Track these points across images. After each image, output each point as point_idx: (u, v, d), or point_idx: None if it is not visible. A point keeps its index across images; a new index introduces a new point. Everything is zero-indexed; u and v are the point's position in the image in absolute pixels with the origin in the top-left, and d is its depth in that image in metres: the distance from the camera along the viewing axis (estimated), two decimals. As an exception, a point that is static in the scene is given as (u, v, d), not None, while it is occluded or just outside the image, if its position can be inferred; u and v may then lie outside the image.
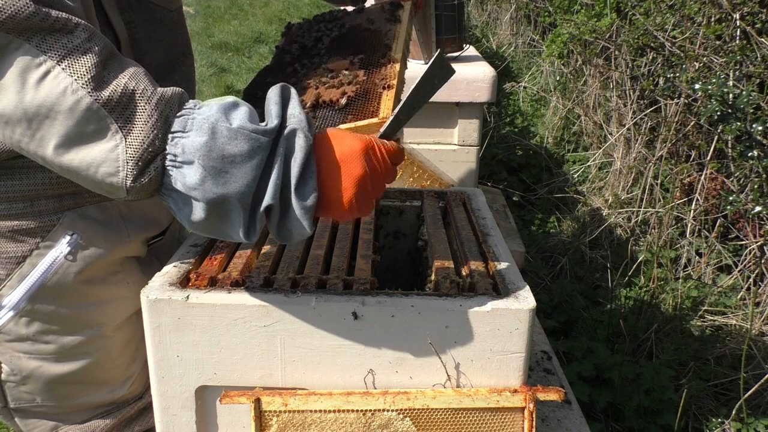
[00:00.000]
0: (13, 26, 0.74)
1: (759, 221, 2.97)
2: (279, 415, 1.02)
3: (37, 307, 1.11)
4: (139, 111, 0.79)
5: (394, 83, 1.13)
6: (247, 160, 0.78)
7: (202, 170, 0.78)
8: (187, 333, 1.03)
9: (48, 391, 1.19)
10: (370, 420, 1.02)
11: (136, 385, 1.28)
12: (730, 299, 2.99)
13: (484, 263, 1.20)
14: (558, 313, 2.98)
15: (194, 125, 0.80)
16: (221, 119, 0.79)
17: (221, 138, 0.78)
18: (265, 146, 0.80)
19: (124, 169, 0.79)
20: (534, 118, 5.45)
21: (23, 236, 1.08)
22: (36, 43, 0.76)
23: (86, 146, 0.79)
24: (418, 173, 2.68)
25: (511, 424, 1.03)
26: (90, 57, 0.78)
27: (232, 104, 0.83)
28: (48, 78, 0.77)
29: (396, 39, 1.28)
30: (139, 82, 0.81)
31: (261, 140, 0.79)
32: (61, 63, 0.77)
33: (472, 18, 8.77)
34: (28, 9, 0.75)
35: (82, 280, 1.13)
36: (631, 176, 3.87)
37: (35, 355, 1.15)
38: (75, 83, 0.77)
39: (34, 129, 0.78)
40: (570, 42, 4.49)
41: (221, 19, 9.82)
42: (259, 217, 0.82)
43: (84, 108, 0.77)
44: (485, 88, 2.53)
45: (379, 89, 1.12)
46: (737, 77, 2.89)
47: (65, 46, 0.77)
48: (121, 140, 0.79)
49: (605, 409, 2.36)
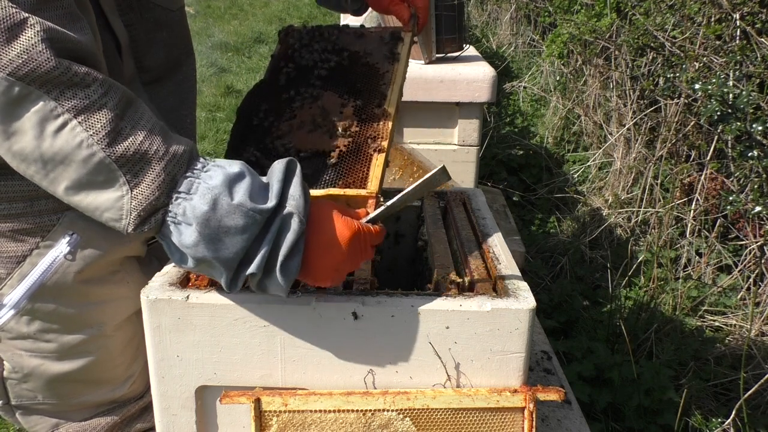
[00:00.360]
0: (34, 79, 0.77)
1: (759, 221, 2.97)
2: (279, 415, 1.02)
3: (37, 306, 1.11)
4: (148, 169, 0.83)
5: (385, 145, 1.15)
6: (241, 233, 0.83)
7: (198, 235, 0.83)
8: (187, 333, 1.03)
9: (49, 389, 1.20)
10: (370, 420, 1.02)
11: (137, 384, 1.29)
12: (730, 299, 2.99)
13: (484, 263, 1.20)
14: (558, 313, 2.98)
15: (199, 190, 0.84)
16: (224, 193, 0.83)
17: (221, 210, 0.82)
18: (259, 223, 0.84)
19: (127, 218, 0.84)
20: (534, 118, 5.46)
21: (23, 236, 1.09)
22: (55, 95, 0.79)
23: (95, 192, 0.84)
24: (418, 173, 2.68)
25: (511, 424, 1.03)
26: (105, 112, 0.82)
27: (238, 175, 0.86)
28: (65, 130, 0.80)
29: (392, 84, 1.26)
30: (153, 142, 0.84)
31: (257, 218, 0.84)
32: (78, 117, 0.80)
33: (472, 18, 8.78)
34: (49, 63, 0.78)
35: (82, 280, 1.13)
36: (631, 176, 3.87)
37: (36, 353, 1.16)
38: (90, 138, 0.81)
39: (48, 170, 0.83)
40: (570, 42, 4.49)
41: (221, 19, 9.82)
42: (242, 277, 0.88)
43: (96, 161, 0.82)
44: (485, 88, 2.53)
45: (371, 150, 1.14)
46: (737, 77, 2.89)
47: (83, 101, 0.80)
48: (127, 192, 0.83)
49: (605, 409, 2.36)
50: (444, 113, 2.60)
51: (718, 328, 2.90)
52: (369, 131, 1.18)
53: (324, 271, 0.92)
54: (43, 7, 0.81)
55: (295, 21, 10.18)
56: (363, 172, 1.11)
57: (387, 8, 1.38)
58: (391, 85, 1.26)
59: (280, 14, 10.17)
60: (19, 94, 0.77)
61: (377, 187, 1.09)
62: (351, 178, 1.11)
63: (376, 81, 1.27)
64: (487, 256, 1.22)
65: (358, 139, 1.16)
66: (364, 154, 1.14)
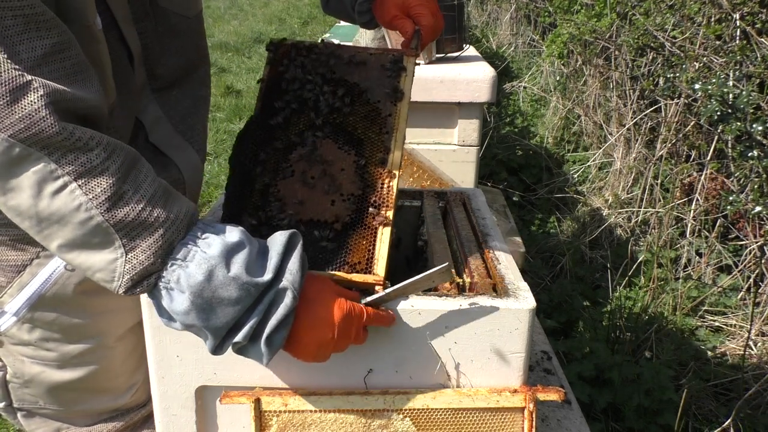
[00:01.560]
0: (36, 142, 0.76)
1: (759, 221, 2.97)
2: (279, 415, 1.02)
3: (37, 315, 1.11)
4: (146, 235, 0.82)
5: (390, 216, 1.08)
6: (234, 304, 0.82)
7: (190, 304, 0.82)
8: (187, 333, 1.03)
9: (50, 396, 1.20)
10: (370, 420, 1.02)
11: (140, 393, 1.28)
12: (730, 299, 2.99)
13: (484, 263, 1.20)
14: (558, 313, 2.98)
15: (195, 259, 0.82)
16: (220, 264, 0.82)
17: (216, 282, 0.81)
18: (253, 295, 0.84)
19: (119, 281, 0.83)
20: (534, 118, 5.46)
21: (24, 245, 1.08)
22: (56, 158, 0.78)
23: (88, 252, 0.82)
24: (418, 173, 2.68)
25: (511, 424, 1.03)
26: (106, 177, 0.80)
27: (236, 245, 0.84)
28: (64, 192, 0.79)
29: (395, 132, 1.15)
30: (154, 208, 0.83)
31: (251, 291, 0.83)
32: (78, 180, 0.79)
33: (472, 18, 8.78)
34: (52, 129, 0.76)
35: (82, 291, 1.12)
36: (631, 176, 3.87)
37: (38, 360, 1.15)
38: (89, 202, 0.79)
39: (43, 227, 0.81)
40: (570, 42, 4.49)
41: (221, 19, 9.82)
42: (228, 344, 0.87)
43: (94, 225, 0.80)
44: (485, 88, 2.53)
45: (375, 224, 1.07)
46: (737, 77, 2.89)
47: (84, 165, 0.79)
48: (122, 255, 0.82)
49: (605, 409, 2.36)
50: (444, 113, 2.60)
51: (718, 328, 2.90)
52: (372, 197, 1.10)
53: (309, 347, 0.91)
54: (49, 61, 0.79)
55: (295, 21, 10.17)
56: (368, 250, 1.05)
57: (390, 22, 1.30)
58: (394, 134, 1.15)
59: (280, 14, 10.17)
60: (20, 154, 0.76)
61: (384, 270, 1.03)
62: (356, 257, 1.05)
63: (378, 127, 1.16)
64: (487, 256, 1.22)
65: (360, 206, 1.09)
66: (368, 227, 1.08)
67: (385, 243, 1.05)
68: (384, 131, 1.15)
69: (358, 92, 1.19)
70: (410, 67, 1.22)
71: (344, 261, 1.05)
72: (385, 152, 1.13)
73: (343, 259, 1.05)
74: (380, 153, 1.14)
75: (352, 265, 1.04)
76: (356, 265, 1.04)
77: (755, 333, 2.75)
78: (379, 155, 1.13)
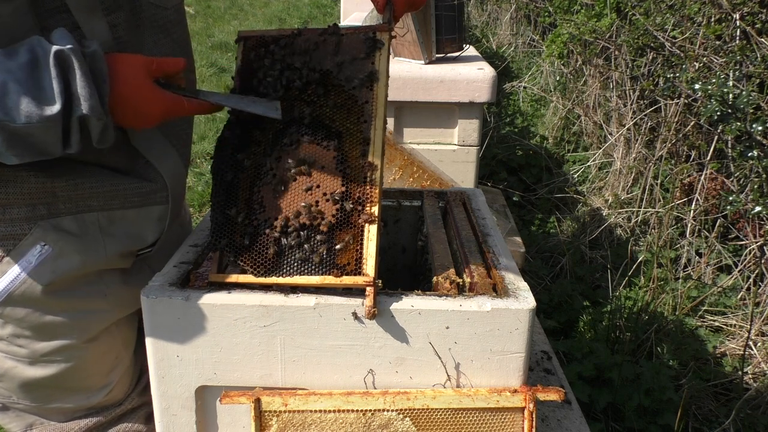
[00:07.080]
0: None
1: (759, 221, 2.97)
2: (279, 415, 1.02)
3: (7, 311, 1.09)
4: None
5: (375, 213, 1.05)
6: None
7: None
8: (187, 333, 1.03)
9: (23, 392, 1.19)
10: (370, 420, 1.02)
11: (115, 392, 1.26)
12: (730, 299, 2.99)
13: (484, 263, 1.20)
14: (558, 313, 2.98)
15: None
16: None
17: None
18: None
19: None
20: (534, 118, 5.46)
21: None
22: None
23: None
24: (418, 173, 2.68)
25: (511, 424, 1.03)
26: None
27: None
28: None
29: (375, 119, 1.11)
30: None
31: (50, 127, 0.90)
32: None
33: (472, 18, 8.78)
34: None
35: (51, 291, 1.10)
36: (631, 176, 3.87)
37: (10, 355, 1.15)
38: None
39: None
40: (570, 42, 4.49)
41: (221, 19, 9.82)
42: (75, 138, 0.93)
43: None
44: (485, 88, 2.53)
45: (361, 221, 1.05)
46: (737, 77, 2.89)
47: None
48: None
49: (605, 409, 2.36)
50: (444, 113, 2.61)
51: (718, 328, 2.90)
52: (356, 193, 1.06)
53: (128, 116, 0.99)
54: None
55: (295, 21, 10.17)
56: (356, 250, 1.03)
57: None
58: (373, 122, 1.10)
59: (280, 14, 10.17)
60: None
61: (373, 269, 1.01)
62: (344, 258, 1.03)
63: (356, 117, 1.12)
64: (487, 256, 1.22)
65: (344, 204, 1.06)
66: (354, 225, 1.05)
67: (373, 241, 1.03)
68: (362, 120, 1.11)
69: (332, 80, 1.15)
70: (385, 42, 1.16)
71: (333, 264, 1.03)
72: (365, 143, 1.10)
73: (332, 262, 1.03)
74: (360, 145, 1.10)
75: (341, 267, 1.02)
76: (345, 267, 1.02)
77: (755, 333, 2.75)
78: (359, 146, 1.10)
